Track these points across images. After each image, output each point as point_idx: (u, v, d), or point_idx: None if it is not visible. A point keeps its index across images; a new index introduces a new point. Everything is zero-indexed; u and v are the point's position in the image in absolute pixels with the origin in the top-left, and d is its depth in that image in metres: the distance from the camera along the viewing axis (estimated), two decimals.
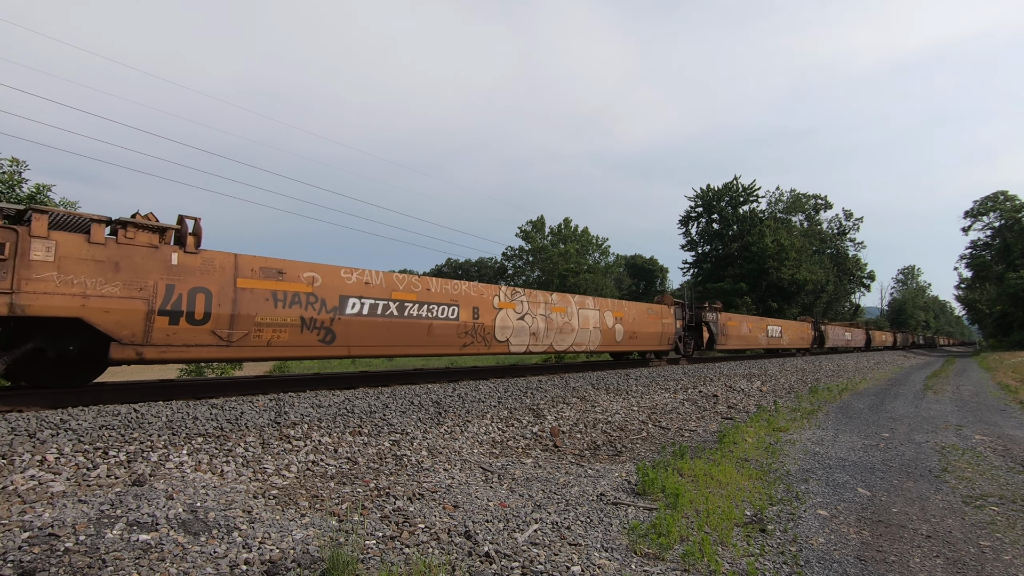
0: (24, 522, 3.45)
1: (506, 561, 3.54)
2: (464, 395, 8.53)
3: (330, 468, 5.50)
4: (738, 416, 10.58)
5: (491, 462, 6.25)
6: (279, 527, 3.86)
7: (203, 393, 7.40)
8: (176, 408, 5.97)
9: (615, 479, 5.67)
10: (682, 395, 12.02)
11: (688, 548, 3.85)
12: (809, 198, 66.35)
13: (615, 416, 9.41)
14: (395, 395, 7.90)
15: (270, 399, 6.92)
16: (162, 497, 3.98)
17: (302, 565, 3.31)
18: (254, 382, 8.20)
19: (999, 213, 57.64)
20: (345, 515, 4.24)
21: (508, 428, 7.78)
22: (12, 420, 5.05)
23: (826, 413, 11.22)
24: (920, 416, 11.19)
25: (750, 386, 14.73)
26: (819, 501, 5.36)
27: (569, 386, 10.52)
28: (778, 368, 19.36)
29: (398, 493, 4.83)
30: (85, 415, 5.40)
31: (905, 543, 4.37)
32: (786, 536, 4.40)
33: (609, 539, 4.05)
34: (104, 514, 3.63)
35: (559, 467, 6.24)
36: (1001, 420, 10.86)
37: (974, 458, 7.35)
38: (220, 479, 4.83)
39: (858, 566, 3.90)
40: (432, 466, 5.90)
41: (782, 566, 3.83)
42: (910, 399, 14.22)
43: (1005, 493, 5.76)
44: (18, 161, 13.59)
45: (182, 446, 5.18)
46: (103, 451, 4.81)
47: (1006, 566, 3.98)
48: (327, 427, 6.31)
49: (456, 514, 4.39)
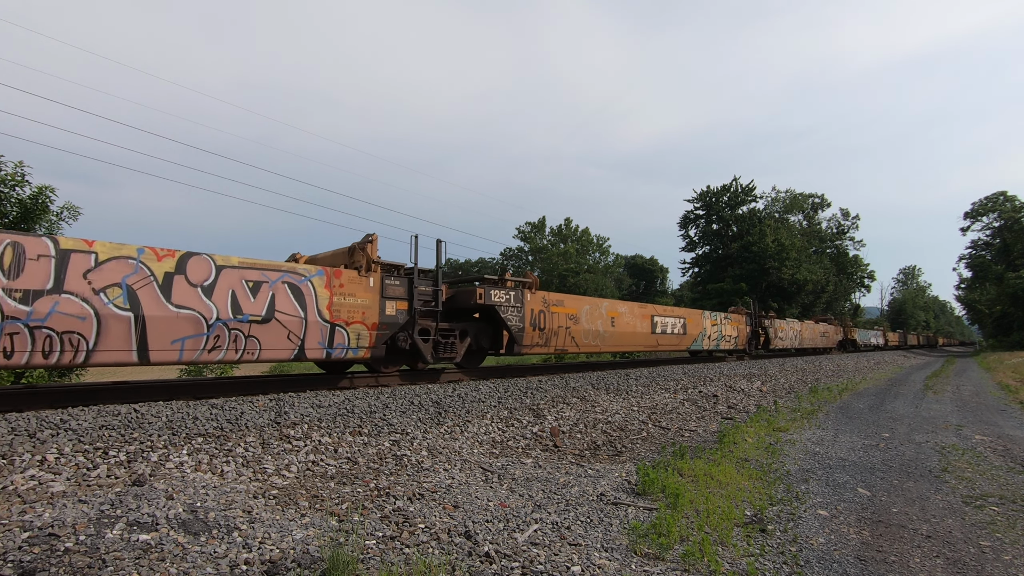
0: (24, 522, 3.45)
1: (506, 561, 3.54)
2: (464, 395, 8.54)
3: (330, 468, 5.50)
4: (738, 416, 10.58)
5: (491, 462, 6.25)
6: (279, 527, 3.86)
7: (203, 393, 7.40)
8: (176, 408, 5.97)
9: (615, 479, 5.66)
10: (682, 395, 12.02)
11: (688, 548, 3.85)
12: (807, 197, 66.36)
13: (615, 416, 9.41)
14: (395, 395, 7.90)
15: (270, 399, 6.93)
16: (162, 497, 3.98)
17: (302, 565, 3.31)
18: (254, 382, 8.20)
19: (998, 213, 57.65)
20: (345, 515, 4.24)
21: (508, 428, 7.78)
22: (12, 420, 5.06)
23: (826, 413, 11.22)
24: (920, 416, 11.19)
25: (750, 386, 14.73)
26: (819, 501, 5.36)
27: (569, 386, 10.52)
28: (778, 368, 19.37)
29: (398, 493, 4.83)
30: (85, 415, 5.40)
31: (905, 543, 4.37)
32: (786, 536, 4.40)
33: (609, 539, 4.05)
34: (104, 514, 3.63)
35: (559, 467, 6.24)
36: (1001, 420, 10.86)
37: (974, 458, 7.35)
38: (220, 479, 4.83)
39: (858, 566, 3.90)
40: (432, 466, 5.90)
41: (782, 566, 3.83)
42: (910, 399, 14.22)
43: (1005, 493, 5.76)
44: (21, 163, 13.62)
45: (182, 446, 5.18)
46: (103, 451, 4.81)
47: (1006, 566, 3.98)
48: (327, 427, 6.31)
49: (456, 514, 4.39)
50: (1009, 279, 50.25)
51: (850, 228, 67.96)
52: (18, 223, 13.29)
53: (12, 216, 13.40)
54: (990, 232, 59.62)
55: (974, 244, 61.52)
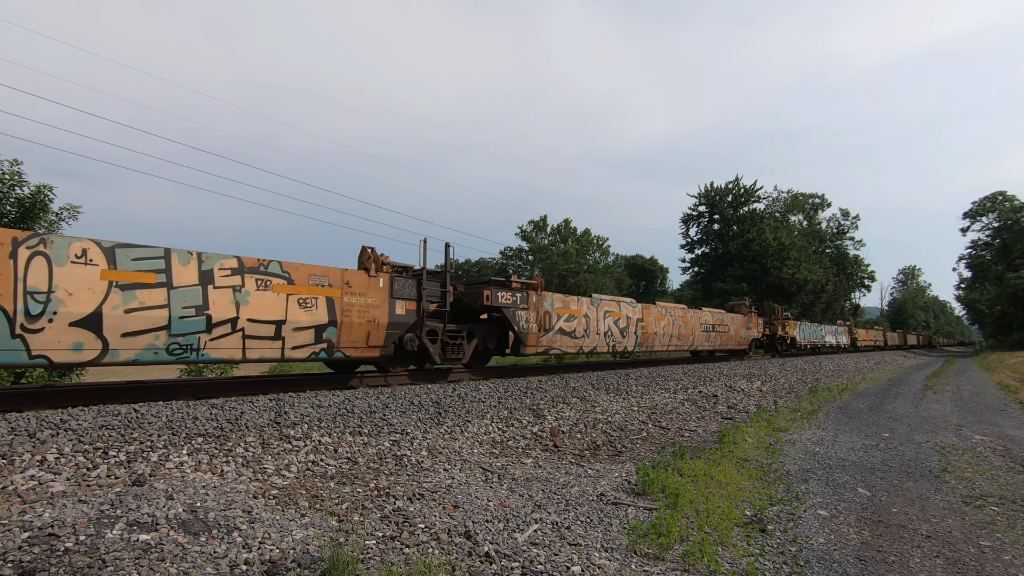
0: (24, 522, 3.45)
1: (506, 561, 3.54)
2: (464, 395, 8.54)
3: (330, 468, 5.50)
4: (738, 416, 10.58)
5: (491, 462, 6.25)
6: (279, 527, 3.86)
7: (203, 393, 7.40)
8: (176, 408, 5.97)
9: (615, 479, 5.66)
10: (682, 395, 12.02)
11: (688, 548, 3.85)
12: (807, 197, 66.35)
13: (615, 416, 9.41)
14: (395, 395, 7.90)
15: (270, 399, 6.93)
16: (162, 497, 3.98)
17: (302, 565, 3.31)
18: (254, 382, 8.20)
19: (998, 213, 57.65)
20: (345, 515, 4.24)
21: (508, 428, 7.78)
22: (12, 420, 5.06)
23: (826, 413, 11.22)
24: (920, 416, 11.19)
25: (750, 386, 14.73)
26: (819, 501, 5.36)
27: (569, 386, 10.52)
28: (778, 368, 19.37)
29: (398, 493, 4.83)
30: (85, 415, 5.40)
31: (905, 543, 4.37)
32: (786, 536, 4.40)
33: (609, 539, 4.05)
34: (104, 514, 3.63)
35: (559, 467, 6.24)
36: (1001, 420, 10.86)
37: (974, 458, 7.35)
38: (220, 479, 4.83)
39: (858, 566, 3.90)
40: (432, 466, 5.90)
41: (782, 566, 3.83)
42: (910, 399, 14.22)
43: (1005, 493, 5.76)
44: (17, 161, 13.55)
45: (182, 446, 5.18)
46: (103, 451, 4.81)
47: (1006, 566, 3.98)
48: (327, 427, 6.31)
49: (456, 514, 4.39)
50: (1009, 279, 50.24)
51: (850, 228, 68.01)
52: (17, 223, 13.26)
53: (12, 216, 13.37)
54: (990, 232, 59.63)
55: (974, 244, 61.54)
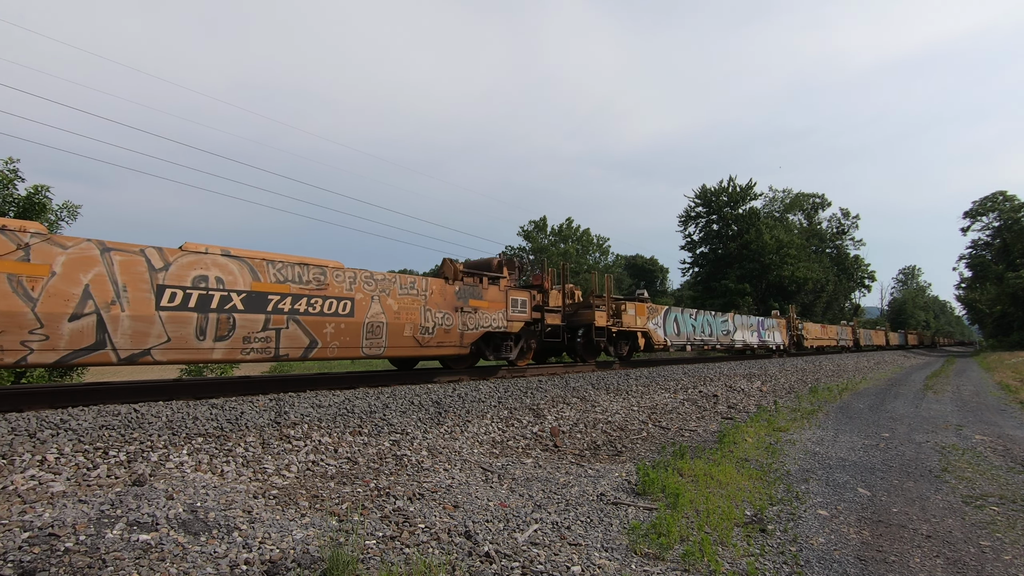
0: (24, 522, 3.45)
1: (506, 561, 3.54)
2: (464, 395, 8.53)
3: (330, 468, 5.50)
4: (738, 416, 10.58)
5: (491, 462, 6.25)
6: (279, 527, 3.86)
7: (203, 393, 7.40)
8: (176, 408, 5.97)
9: (615, 479, 5.66)
10: (682, 395, 12.02)
11: (688, 548, 3.85)
12: (807, 197, 66.36)
13: (615, 416, 9.41)
14: (395, 395, 7.90)
15: (270, 399, 6.92)
16: (162, 497, 3.98)
17: (302, 565, 3.31)
18: (254, 382, 8.20)
19: (998, 213, 57.65)
20: (345, 515, 4.24)
21: (508, 428, 7.78)
22: (12, 420, 5.06)
23: (826, 413, 11.22)
24: (920, 416, 11.19)
25: (750, 386, 14.73)
26: (819, 501, 5.36)
27: (569, 386, 10.52)
28: (778, 368, 19.37)
29: (398, 493, 4.83)
30: (85, 415, 5.40)
31: (905, 543, 4.37)
32: (786, 536, 4.40)
33: (609, 539, 4.05)
34: (104, 514, 3.63)
35: (559, 467, 6.24)
36: (1001, 420, 10.86)
37: (974, 458, 7.34)
38: (220, 479, 4.83)
39: (858, 566, 3.90)
40: (432, 466, 5.90)
41: (782, 566, 3.83)
42: (910, 399, 14.22)
43: (1005, 493, 5.76)
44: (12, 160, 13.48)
45: (182, 446, 5.18)
46: (103, 451, 4.81)
47: (1006, 566, 3.98)
48: (327, 427, 6.31)
49: (456, 514, 4.39)
50: (1009, 279, 50.25)
51: (850, 228, 68.03)
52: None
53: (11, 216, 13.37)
54: (990, 232, 59.65)
55: (974, 244, 61.56)
